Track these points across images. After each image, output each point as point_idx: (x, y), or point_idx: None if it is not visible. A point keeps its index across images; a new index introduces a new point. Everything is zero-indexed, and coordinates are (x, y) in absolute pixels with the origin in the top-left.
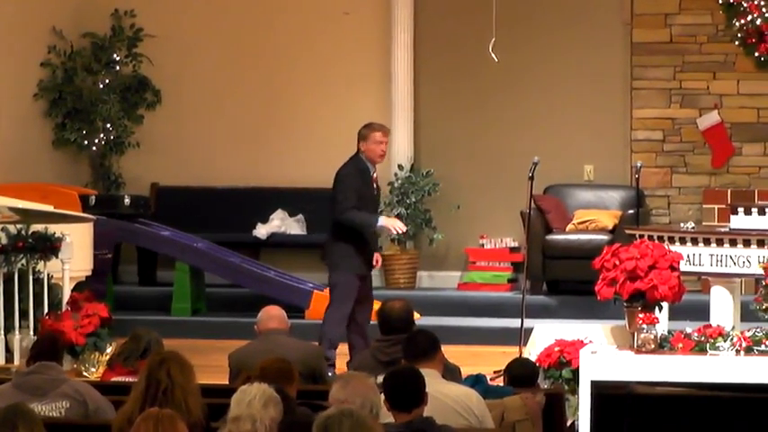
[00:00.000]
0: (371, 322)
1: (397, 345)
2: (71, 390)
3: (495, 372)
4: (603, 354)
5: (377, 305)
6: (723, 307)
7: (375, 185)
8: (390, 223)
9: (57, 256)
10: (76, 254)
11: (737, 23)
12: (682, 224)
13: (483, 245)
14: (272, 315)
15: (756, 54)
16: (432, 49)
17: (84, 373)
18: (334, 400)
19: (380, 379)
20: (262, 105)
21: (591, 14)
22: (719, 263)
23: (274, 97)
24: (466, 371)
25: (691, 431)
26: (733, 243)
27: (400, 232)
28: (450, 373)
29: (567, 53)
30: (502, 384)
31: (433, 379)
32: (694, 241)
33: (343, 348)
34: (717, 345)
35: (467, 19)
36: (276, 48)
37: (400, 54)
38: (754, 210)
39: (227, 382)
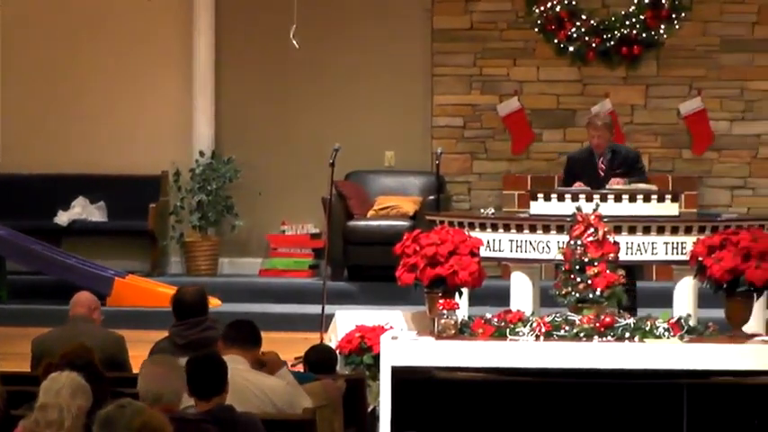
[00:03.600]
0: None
1: (193, 328)
2: None
3: (295, 358)
4: (404, 339)
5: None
6: (523, 292)
7: None
8: None
9: None
10: None
11: (537, 10)
12: (482, 210)
13: (284, 231)
14: (77, 301)
15: (556, 41)
16: (233, 35)
17: None
18: (140, 386)
19: (182, 362)
20: (61, 91)
21: (392, 1)
22: (519, 248)
23: (74, 82)
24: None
25: (491, 416)
26: (533, 229)
27: None
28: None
29: (369, 40)
30: (302, 371)
31: (239, 366)
32: (494, 227)
33: None
34: (517, 330)
35: (268, 5)
36: (75, 32)
37: (202, 40)
38: (554, 196)
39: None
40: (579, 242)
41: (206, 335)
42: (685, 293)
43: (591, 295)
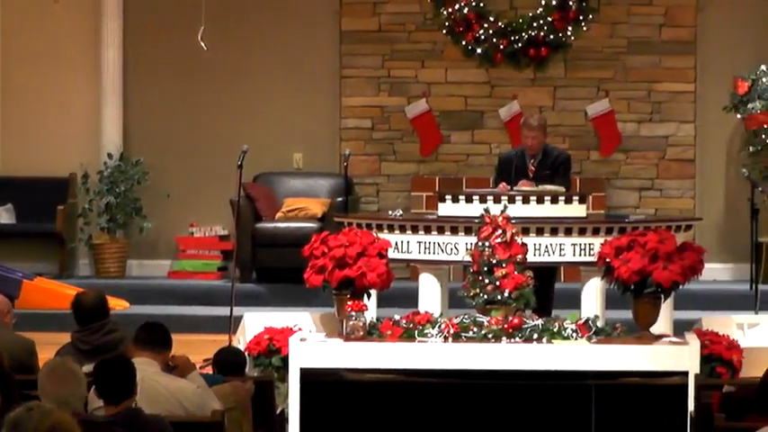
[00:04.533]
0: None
1: (96, 332)
2: None
3: (204, 360)
4: (313, 341)
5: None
6: (431, 294)
7: None
8: None
9: None
10: None
11: (445, 12)
12: (390, 212)
13: (193, 233)
14: None
15: (464, 43)
16: (141, 37)
17: None
18: (41, 388)
19: (87, 368)
20: None
21: (301, 2)
22: (427, 250)
23: None
24: None
25: (400, 417)
26: (441, 230)
27: None
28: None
29: (277, 41)
30: (211, 373)
31: (150, 368)
32: (402, 229)
33: None
34: (425, 331)
35: (176, 7)
36: None
37: (110, 42)
38: (462, 197)
39: None
40: (487, 244)
41: (109, 338)
42: (593, 295)
43: (499, 297)
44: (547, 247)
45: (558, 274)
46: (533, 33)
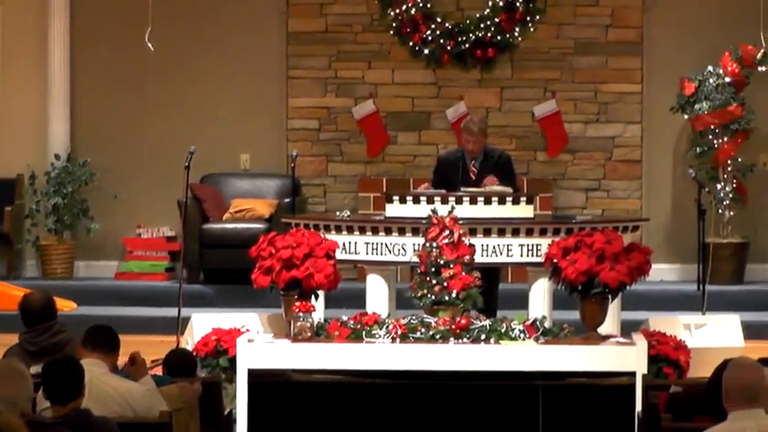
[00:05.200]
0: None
1: (43, 334)
2: None
3: (152, 361)
4: (260, 342)
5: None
6: (379, 295)
7: None
8: None
9: None
10: None
11: (392, 13)
12: (338, 213)
13: (140, 234)
14: None
15: (411, 43)
16: (88, 37)
17: None
18: None
19: (35, 369)
20: None
21: (247, 3)
22: (375, 251)
23: None
24: (124, 360)
25: (348, 418)
26: (388, 231)
27: None
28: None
29: (224, 42)
30: (161, 374)
31: (98, 369)
32: (350, 229)
33: None
34: (373, 332)
35: (124, 7)
36: None
37: (57, 42)
38: (409, 198)
39: None
40: (435, 244)
41: (56, 339)
42: (540, 295)
43: (446, 297)
44: (494, 247)
45: (502, 275)
46: (480, 34)
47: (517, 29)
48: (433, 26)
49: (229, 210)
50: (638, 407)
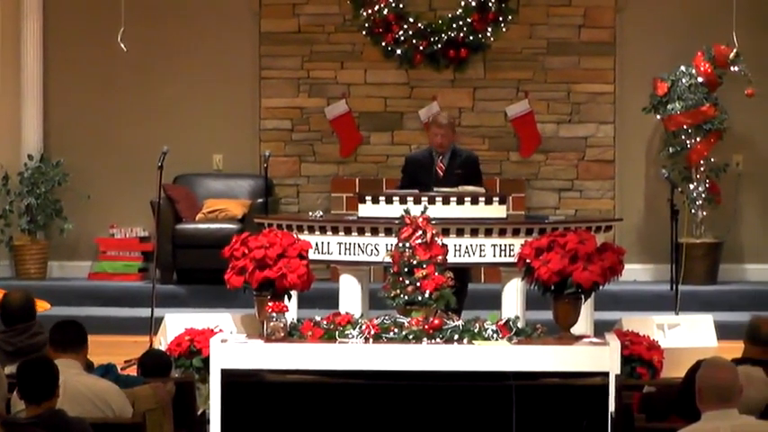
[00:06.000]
0: None
1: (21, 334)
2: None
3: (126, 361)
4: (233, 342)
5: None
6: (352, 295)
7: None
8: None
9: None
10: None
11: (364, 13)
12: (311, 213)
13: (113, 234)
14: None
15: (383, 44)
16: (61, 37)
17: None
18: None
19: (10, 369)
20: None
21: (220, 3)
22: (348, 251)
23: None
24: (97, 361)
25: (321, 418)
26: (361, 231)
27: None
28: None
29: (197, 42)
30: (135, 374)
31: (73, 370)
32: (323, 230)
33: None
34: (346, 332)
35: (97, 8)
36: None
37: (29, 42)
38: (382, 198)
39: None
40: (408, 245)
41: (35, 341)
42: (513, 295)
43: (419, 297)
44: (467, 247)
45: (471, 275)
46: (453, 34)
47: (490, 29)
48: (405, 26)
49: (202, 210)
50: (612, 407)
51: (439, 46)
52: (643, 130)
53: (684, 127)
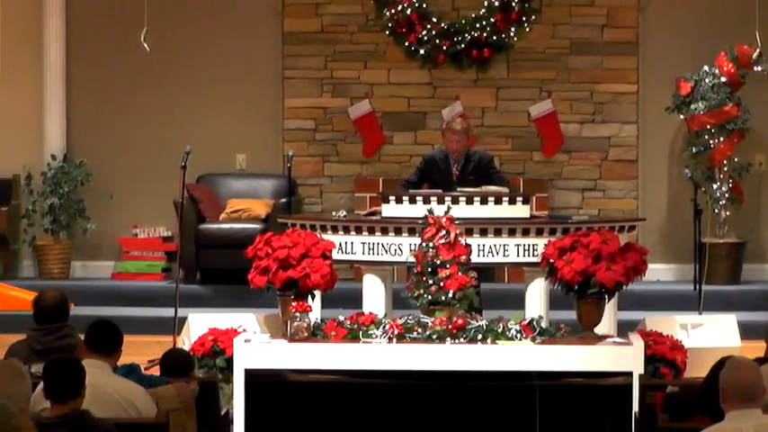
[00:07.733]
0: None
1: (52, 334)
2: None
3: (149, 361)
4: (257, 342)
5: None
6: (375, 295)
7: None
8: None
9: None
10: None
11: (388, 13)
12: (334, 213)
13: (136, 234)
14: None
15: (407, 43)
16: (84, 38)
17: None
18: None
19: (37, 368)
20: None
21: (243, 3)
22: (371, 251)
23: None
24: (121, 360)
25: (345, 418)
26: (384, 231)
27: None
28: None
29: (220, 42)
30: (158, 374)
31: (101, 371)
32: (346, 230)
33: None
34: (369, 332)
35: (119, 8)
36: None
37: (53, 43)
38: (405, 198)
39: None
40: (431, 244)
41: (63, 343)
42: (537, 295)
43: (443, 297)
44: (491, 247)
45: (498, 275)
46: (476, 34)
47: (513, 29)
48: (428, 26)
49: (225, 210)
50: (635, 407)
51: (462, 46)
52: (666, 129)
53: (707, 127)
